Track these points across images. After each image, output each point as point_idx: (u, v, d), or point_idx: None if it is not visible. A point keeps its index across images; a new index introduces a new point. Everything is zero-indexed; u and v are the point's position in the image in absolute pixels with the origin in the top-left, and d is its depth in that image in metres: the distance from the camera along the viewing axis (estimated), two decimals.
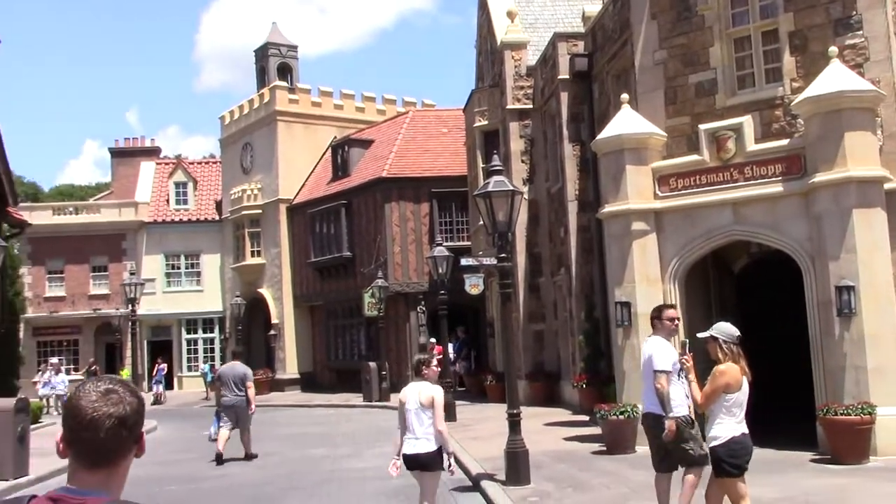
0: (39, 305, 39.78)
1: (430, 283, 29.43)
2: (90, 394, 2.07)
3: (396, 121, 35.75)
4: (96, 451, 2.04)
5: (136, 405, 2.12)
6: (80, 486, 2.02)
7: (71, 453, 2.07)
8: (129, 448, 2.11)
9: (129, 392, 2.13)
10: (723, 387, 6.64)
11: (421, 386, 8.05)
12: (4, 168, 22.59)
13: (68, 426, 2.07)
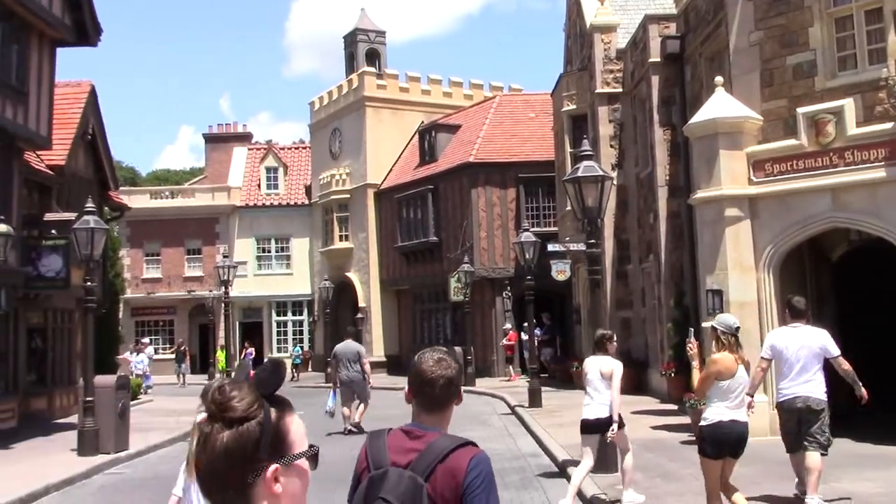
0: (137, 287, 41.19)
1: (515, 269, 29.37)
2: (428, 361, 2.96)
3: (483, 105, 35.69)
4: (432, 400, 2.92)
5: (458, 370, 2.99)
6: (422, 423, 2.92)
7: (415, 401, 2.96)
8: (453, 399, 2.98)
9: (454, 360, 3.03)
10: (714, 374, 7.13)
11: (602, 360, 9.07)
12: (106, 154, 23.43)
13: (414, 383, 2.97)
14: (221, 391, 1.67)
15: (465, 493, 2.71)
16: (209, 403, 1.68)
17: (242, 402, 1.67)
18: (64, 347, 21.28)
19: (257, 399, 1.68)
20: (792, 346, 8.39)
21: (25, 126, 16.72)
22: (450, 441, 2.83)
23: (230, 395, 1.67)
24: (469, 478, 2.72)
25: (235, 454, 1.63)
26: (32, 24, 16.92)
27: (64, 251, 18.22)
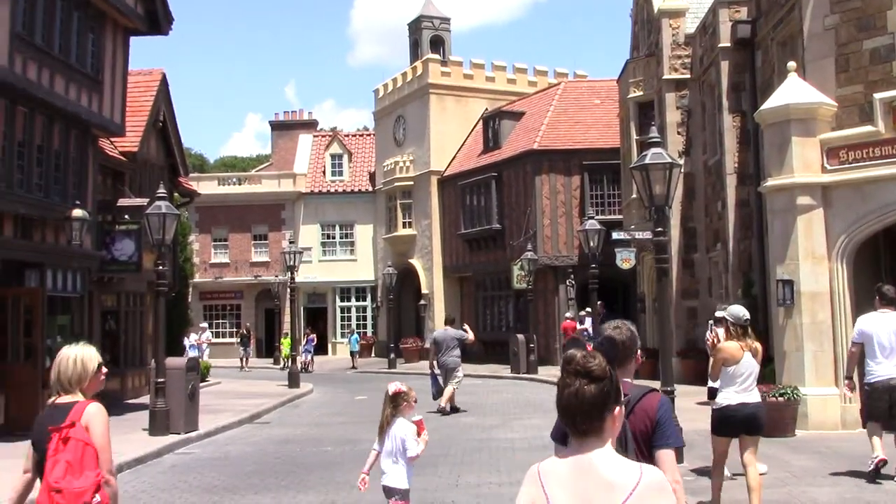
0: (206, 271, 42.01)
1: (579, 257, 29.18)
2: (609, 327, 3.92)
3: (548, 92, 35.45)
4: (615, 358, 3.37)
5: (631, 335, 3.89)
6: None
7: None
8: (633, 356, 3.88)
9: (627, 328, 3.90)
10: (720, 360, 7.92)
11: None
12: (177, 141, 23.91)
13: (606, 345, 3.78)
14: (585, 359, 2.56)
15: (657, 424, 3.70)
16: (577, 367, 2.55)
17: (599, 366, 2.56)
18: (135, 330, 21.84)
19: (607, 364, 2.58)
20: (883, 331, 9.15)
21: (100, 114, 17.13)
22: (640, 389, 3.86)
23: (591, 361, 2.56)
24: (659, 413, 3.73)
25: (598, 401, 2.53)
26: (107, 13, 17.31)
27: (136, 236, 18.67)
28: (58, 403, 4.32)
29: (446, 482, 10.39)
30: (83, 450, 4.14)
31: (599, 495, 2.45)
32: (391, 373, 31.98)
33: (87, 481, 4.10)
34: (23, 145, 14.86)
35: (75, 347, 4.44)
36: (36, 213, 15.21)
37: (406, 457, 6.59)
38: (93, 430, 4.17)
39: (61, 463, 4.10)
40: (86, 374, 4.34)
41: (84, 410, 4.22)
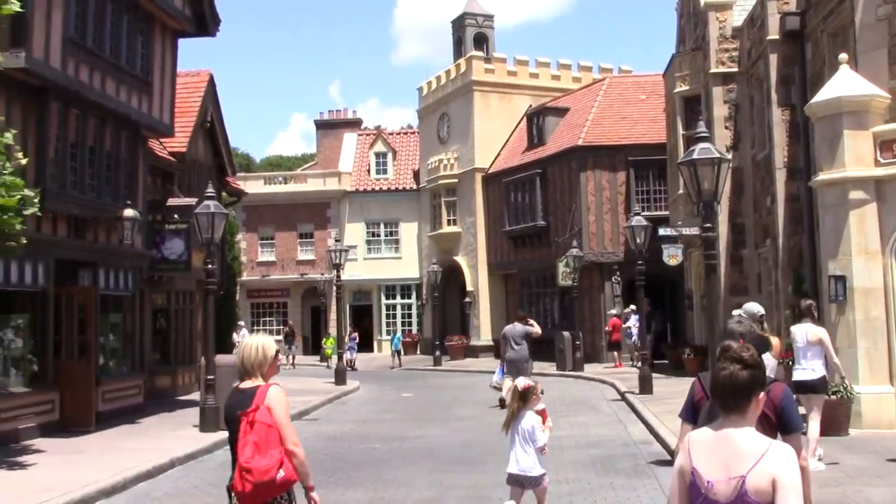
0: (253, 269, 42.47)
1: (625, 253, 28.95)
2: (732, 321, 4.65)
3: (592, 88, 35.22)
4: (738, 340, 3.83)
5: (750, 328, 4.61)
6: None
7: None
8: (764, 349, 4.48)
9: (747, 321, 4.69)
10: None
11: (808, 326, 10.40)
12: (224, 141, 24.21)
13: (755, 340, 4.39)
14: (741, 349, 3.11)
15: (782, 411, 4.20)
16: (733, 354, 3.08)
17: (752, 357, 3.09)
18: (185, 328, 22.15)
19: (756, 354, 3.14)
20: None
21: (150, 115, 17.41)
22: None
23: (745, 352, 3.10)
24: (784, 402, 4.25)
25: (748, 385, 3.04)
26: (155, 15, 17.58)
27: (185, 235, 18.94)
28: (242, 388, 4.83)
29: (494, 480, 10.37)
30: (267, 431, 4.63)
31: (734, 461, 2.94)
32: (436, 370, 32.09)
33: (272, 460, 4.60)
34: (75, 147, 15.16)
35: (256, 337, 4.99)
36: (89, 213, 15.50)
37: (536, 446, 7.33)
38: (274, 409, 4.68)
39: (249, 444, 4.60)
40: (266, 360, 4.86)
41: (266, 393, 4.73)
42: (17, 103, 13.67)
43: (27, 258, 13.54)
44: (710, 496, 2.95)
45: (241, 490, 4.61)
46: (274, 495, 4.66)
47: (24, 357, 14.34)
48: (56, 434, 13.97)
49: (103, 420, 15.16)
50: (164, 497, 9.87)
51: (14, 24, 12.61)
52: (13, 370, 14.09)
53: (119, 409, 16.24)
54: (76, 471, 10.80)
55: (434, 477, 10.65)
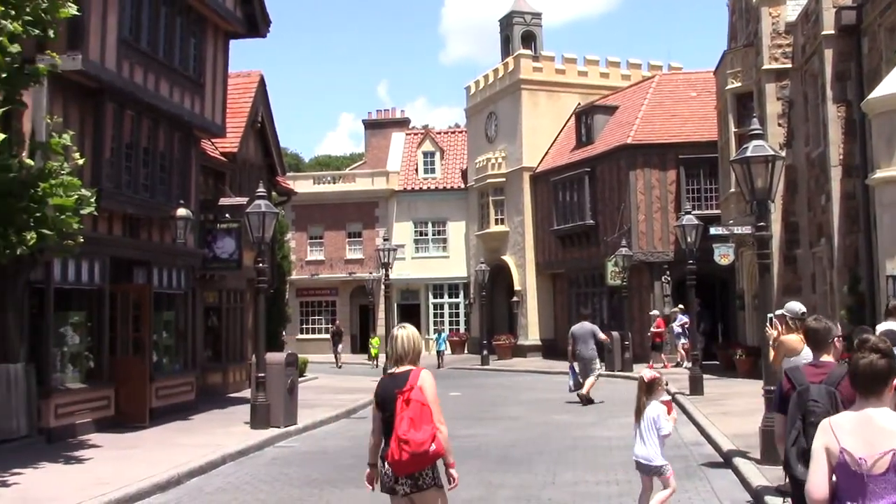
0: (302, 268, 42.85)
1: (675, 253, 28.64)
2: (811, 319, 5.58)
3: (642, 86, 34.89)
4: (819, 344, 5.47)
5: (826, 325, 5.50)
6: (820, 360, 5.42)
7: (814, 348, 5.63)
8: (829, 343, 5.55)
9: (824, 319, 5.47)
10: (784, 351, 8.77)
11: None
12: (274, 141, 24.46)
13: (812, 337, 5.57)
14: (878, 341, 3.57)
15: None
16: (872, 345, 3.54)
17: (888, 347, 3.54)
18: (236, 326, 22.42)
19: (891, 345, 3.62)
20: None
21: (202, 116, 17.65)
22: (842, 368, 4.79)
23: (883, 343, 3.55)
24: None
25: (885, 371, 3.48)
26: (208, 17, 17.82)
27: (237, 234, 19.16)
28: (395, 373, 5.56)
29: (542, 480, 10.35)
30: (420, 409, 5.30)
31: (878, 438, 3.32)
32: (484, 370, 32.05)
33: (426, 434, 5.26)
34: (130, 147, 15.43)
35: (405, 329, 5.72)
36: (143, 212, 15.77)
37: (660, 435, 7.70)
38: (426, 390, 5.37)
39: (406, 419, 5.27)
40: (418, 347, 5.64)
41: (419, 375, 5.45)
42: (74, 105, 13.96)
43: (84, 257, 13.82)
44: (864, 470, 3.33)
45: (397, 458, 5.26)
46: (424, 465, 5.32)
47: (80, 353, 14.64)
48: (111, 429, 14.23)
49: (157, 416, 15.41)
50: (217, 492, 9.99)
51: (71, 27, 12.87)
52: (70, 366, 14.40)
53: (172, 406, 16.50)
54: (131, 465, 10.99)
55: (482, 476, 10.64)
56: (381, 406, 5.55)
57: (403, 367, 5.54)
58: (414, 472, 5.32)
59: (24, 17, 10.68)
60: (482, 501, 9.24)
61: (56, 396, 13.39)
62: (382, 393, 5.55)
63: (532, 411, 17.84)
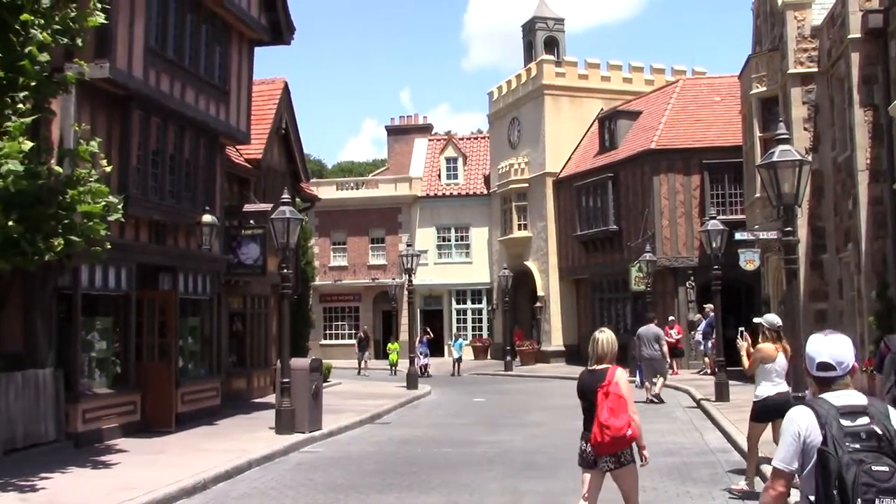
0: (325, 274, 42.97)
1: (699, 258, 28.48)
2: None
3: (665, 90, 34.75)
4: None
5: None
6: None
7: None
8: None
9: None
10: (759, 359, 9.55)
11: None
12: (298, 147, 24.57)
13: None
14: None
15: None
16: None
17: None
18: (260, 331, 22.53)
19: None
20: None
21: (227, 123, 17.76)
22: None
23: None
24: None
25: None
26: (233, 25, 17.94)
27: (261, 240, 19.27)
28: (595, 369, 6.77)
29: (568, 486, 10.29)
30: (618, 400, 6.47)
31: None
32: (507, 375, 31.99)
33: (623, 421, 6.47)
34: (156, 154, 15.56)
35: (604, 333, 6.95)
36: (169, 218, 15.89)
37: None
38: (621, 385, 6.59)
39: (606, 408, 6.46)
40: (615, 349, 6.85)
41: (615, 372, 6.68)
42: (102, 112, 14.10)
43: (111, 263, 13.94)
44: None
45: (600, 440, 6.47)
46: (622, 447, 6.56)
47: (107, 359, 14.77)
48: (138, 434, 14.34)
49: (182, 421, 15.50)
50: (243, 497, 10.04)
51: (98, 35, 13.01)
52: (97, 372, 14.52)
53: (197, 411, 16.59)
54: (158, 470, 11.06)
55: (507, 483, 10.61)
56: (581, 396, 6.86)
57: (602, 364, 6.74)
58: (616, 451, 6.52)
59: (53, 26, 10.82)
60: None
61: (84, 401, 13.51)
62: (583, 386, 6.83)
63: (556, 417, 17.78)
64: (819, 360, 3.62)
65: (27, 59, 10.34)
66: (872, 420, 3.40)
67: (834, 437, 3.38)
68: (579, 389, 6.87)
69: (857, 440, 3.35)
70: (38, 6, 10.64)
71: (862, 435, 3.37)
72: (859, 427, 3.39)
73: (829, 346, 3.63)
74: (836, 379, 3.60)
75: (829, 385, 3.60)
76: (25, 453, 12.00)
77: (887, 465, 3.30)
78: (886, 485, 3.25)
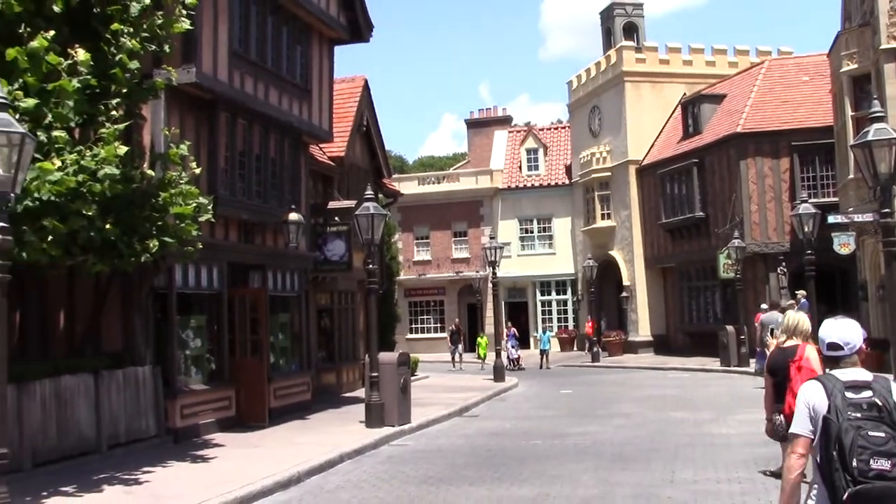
0: (409, 269, 43.28)
1: (791, 243, 27.72)
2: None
3: (750, 72, 33.86)
4: None
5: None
6: None
7: None
8: None
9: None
10: None
11: None
12: (380, 144, 24.80)
13: None
14: None
15: None
16: None
17: None
18: (348, 326, 22.83)
19: None
20: None
21: (310, 122, 18.03)
22: None
23: None
24: None
25: None
26: (313, 25, 18.20)
27: (346, 236, 19.51)
28: (785, 347, 7.27)
29: (661, 478, 10.17)
30: (810, 374, 6.49)
31: None
32: (594, 366, 31.71)
33: None
34: (243, 155, 15.89)
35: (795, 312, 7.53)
36: (257, 218, 16.22)
37: None
38: (812, 360, 6.94)
39: (799, 381, 6.45)
40: (804, 327, 7.21)
41: (805, 349, 7.11)
42: (189, 115, 14.47)
43: (203, 262, 14.31)
44: None
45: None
46: None
47: (202, 356, 15.17)
48: (233, 429, 14.70)
49: (275, 416, 15.82)
50: (336, 490, 10.19)
51: (184, 41, 13.36)
52: (193, 368, 14.94)
53: (289, 406, 16.91)
54: (253, 464, 11.32)
55: (598, 474, 10.52)
56: (772, 373, 7.41)
57: (792, 341, 7.19)
58: None
59: (142, 33, 11.16)
60: (600, 500, 9.13)
61: (181, 398, 13.91)
62: (775, 363, 7.39)
63: (645, 408, 17.56)
64: (828, 341, 4.04)
65: (118, 66, 10.69)
66: (875, 394, 3.78)
67: (837, 406, 3.79)
68: (769, 367, 7.53)
69: (858, 410, 3.74)
70: (128, 15, 10.98)
71: (863, 405, 3.76)
72: (862, 399, 3.78)
73: (838, 329, 4.05)
74: (844, 357, 4.01)
75: (838, 363, 4.01)
76: (128, 448, 12.44)
77: (884, 432, 3.69)
78: (881, 448, 3.65)
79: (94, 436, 11.94)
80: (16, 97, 9.19)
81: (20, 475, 10.11)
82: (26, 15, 10.00)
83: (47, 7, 10.18)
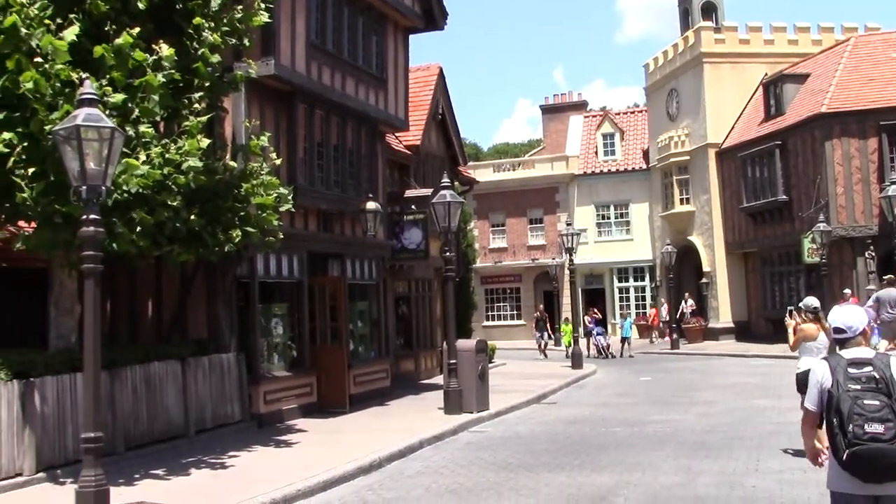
0: (485, 256, 43.31)
1: (879, 227, 26.82)
2: None
3: (835, 50, 32.78)
4: None
5: None
6: None
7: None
8: None
9: None
10: (802, 337, 10.24)
11: None
12: (455, 132, 24.85)
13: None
14: None
15: None
16: None
17: None
18: (425, 314, 22.98)
19: None
20: None
21: (386, 111, 18.17)
22: None
23: None
24: None
25: None
26: (388, 15, 18.30)
27: (423, 224, 19.62)
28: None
29: (745, 466, 10.00)
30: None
31: None
32: (674, 353, 31.28)
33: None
34: (321, 145, 16.11)
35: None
36: (335, 207, 16.44)
37: None
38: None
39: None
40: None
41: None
42: (269, 107, 14.73)
43: (283, 252, 14.58)
44: None
45: None
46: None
47: (284, 343, 15.48)
48: (314, 415, 14.98)
49: (355, 402, 16.06)
50: (417, 475, 10.30)
51: (263, 34, 13.59)
52: (275, 355, 15.26)
53: (369, 392, 17.14)
54: (335, 449, 11.52)
55: (679, 462, 10.40)
56: None
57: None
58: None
59: (222, 27, 11.39)
60: (682, 487, 9.03)
61: (264, 384, 14.23)
62: None
63: (727, 396, 17.27)
64: (834, 326, 4.64)
65: (201, 61, 10.95)
66: (875, 368, 4.32)
67: (839, 381, 4.36)
68: None
69: (858, 383, 4.30)
70: (209, 10, 11.23)
71: (863, 379, 4.32)
72: (862, 373, 4.33)
73: (842, 315, 4.64)
74: (849, 339, 4.59)
75: (844, 344, 4.59)
76: (214, 433, 12.79)
77: (879, 401, 4.22)
78: (875, 415, 4.19)
79: (181, 421, 12.32)
80: (104, 93, 9.48)
81: (113, 458, 10.51)
82: (112, 13, 10.29)
83: (132, 4, 10.46)
